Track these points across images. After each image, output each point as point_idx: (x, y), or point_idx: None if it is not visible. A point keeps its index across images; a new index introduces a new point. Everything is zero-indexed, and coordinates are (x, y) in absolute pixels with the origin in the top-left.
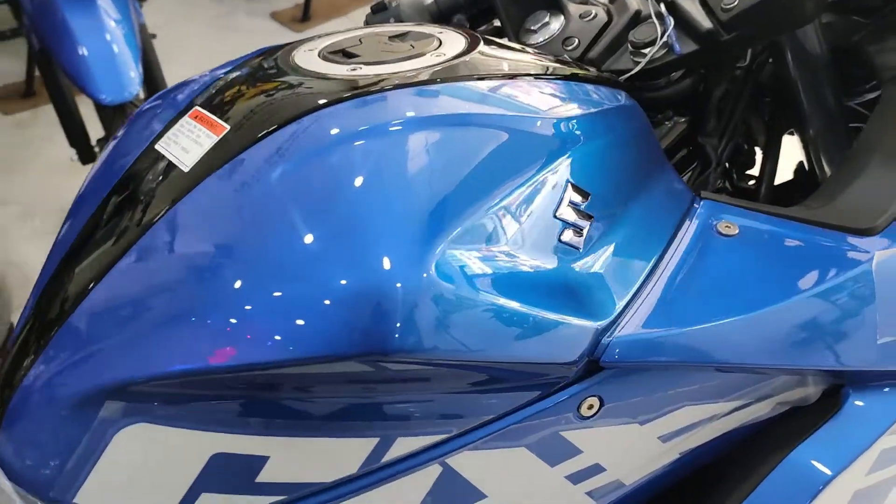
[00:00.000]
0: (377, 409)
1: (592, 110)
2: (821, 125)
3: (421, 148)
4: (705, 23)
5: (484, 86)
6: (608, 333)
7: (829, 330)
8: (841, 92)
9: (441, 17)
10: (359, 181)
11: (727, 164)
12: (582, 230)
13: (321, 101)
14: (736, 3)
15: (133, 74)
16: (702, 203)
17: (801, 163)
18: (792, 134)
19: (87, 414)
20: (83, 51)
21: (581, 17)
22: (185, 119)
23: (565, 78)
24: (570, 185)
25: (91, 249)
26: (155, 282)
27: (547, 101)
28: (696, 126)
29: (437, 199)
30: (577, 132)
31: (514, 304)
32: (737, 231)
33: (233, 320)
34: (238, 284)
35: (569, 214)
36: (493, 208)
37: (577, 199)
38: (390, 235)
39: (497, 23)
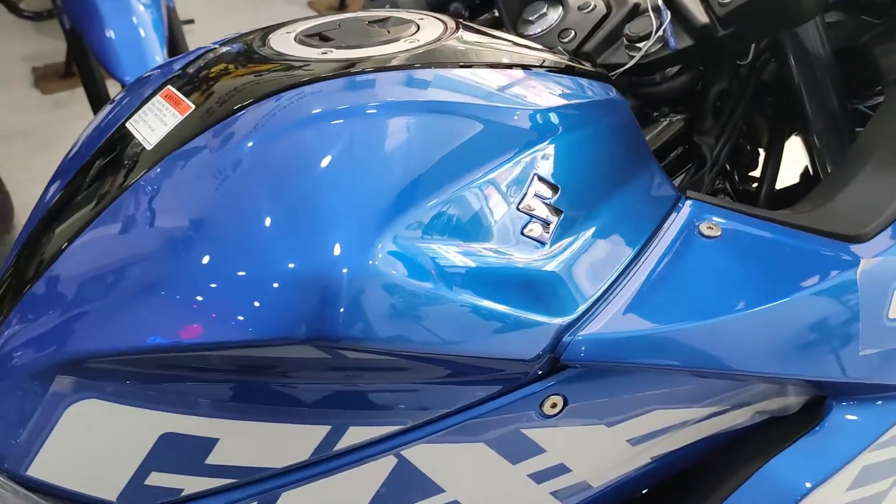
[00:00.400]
0: (329, 396)
1: (568, 102)
2: (823, 127)
3: (376, 134)
4: (701, 17)
5: (450, 73)
6: (570, 332)
7: (809, 339)
8: (845, 94)
9: (438, 6)
10: (310, 166)
11: (727, 166)
12: (549, 225)
13: (280, 86)
14: None
15: (158, 59)
16: (686, 203)
17: (807, 166)
18: (797, 136)
19: (40, 387)
20: (110, 33)
21: (580, 8)
22: (157, 98)
23: (546, 69)
24: (536, 177)
25: (53, 224)
26: (105, 261)
27: (517, 92)
28: (692, 124)
29: (389, 186)
30: (548, 124)
31: (468, 298)
32: (719, 233)
33: (179, 301)
34: (187, 265)
35: (534, 208)
36: (450, 199)
37: (545, 192)
38: (339, 221)
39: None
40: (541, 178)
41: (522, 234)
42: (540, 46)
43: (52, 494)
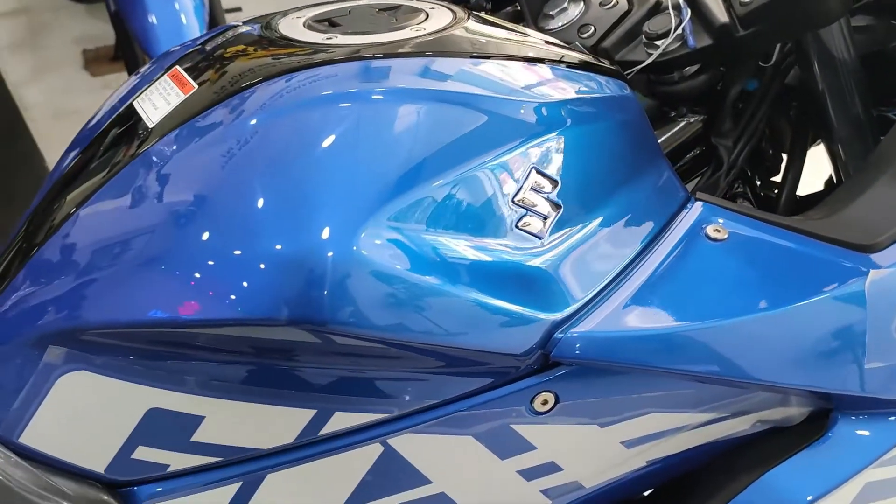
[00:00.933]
0: (315, 380)
1: (573, 97)
2: (846, 134)
3: (369, 121)
4: (722, 16)
5: (449, 62)
6: (563, 328)
7: (812, 349)
8: (871, 100)
9: None
10: (300, 150)
11: (748, 170)
12: (547, 219)
13: (276, 71)
14: None
15: None
16: (695, 204)
17: (832, 174)
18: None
19: (35, 355)
20: (152, 18)
21: (601, 4)
22: (164, 77)
23: (554, 63)
24: (534, 171)
25: (60, 195)
26: (99, 237)
27: (518, 84)
28: (711, 125)
29: (379, 173)
30: (550, 118)
31: (455, 289)
32: (726, 236)
33: (165, 278)
34: (177, 243)
35: (531, 201)
36: (443, 188)
37: (544, 186)
38: (327, 205)
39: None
40: (540, 172)
41: (517, 227)
42: (553, 40)
43: (44, 463)
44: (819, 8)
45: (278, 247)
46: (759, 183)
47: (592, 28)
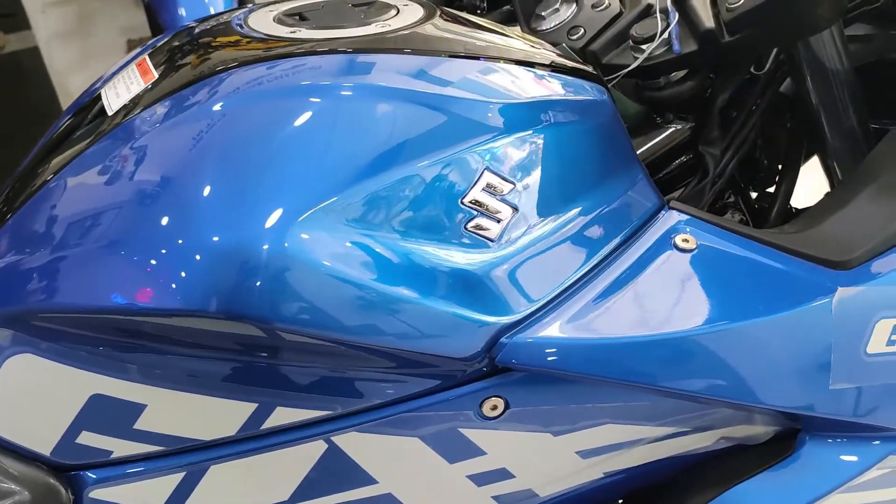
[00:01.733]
0: (256, 374)
1: (536, 99)
2: (840, 147)
3: (315, 115)
4: (708, 22)
5: (404, 59)
6: (510, 333)
7: (776, 366)
8: (867, 113)
9: None
10: (244, 143)
11: (742, 181)
12: (499, 221)
13: (232, 63)
14: (741, 1)
15: None
16: (668, 213)
17: None
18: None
19: None
20: (182, 11)
21: (593, 6)
22: (132, 65)
23: (525, 64)
24: (487, 171)
25: (20, 185)
26: (48, 222)
27: (478, 83)
28: (699, 133)
29: (321, 168)
30: (507, 118)
31: (395, 289)
32: (695, 246)
33: (110, 266)
34: (122, 232)
35: (482, 203)
36: (387, 186)
37: (498, 187)
38: (266, 199)
39: None
40: (494, 173)
41: (466, 228)
42: (531, 41)
43: None
44: (808, 15)
45: (215, 238)
46: (756, 194)
47: (582, 30)
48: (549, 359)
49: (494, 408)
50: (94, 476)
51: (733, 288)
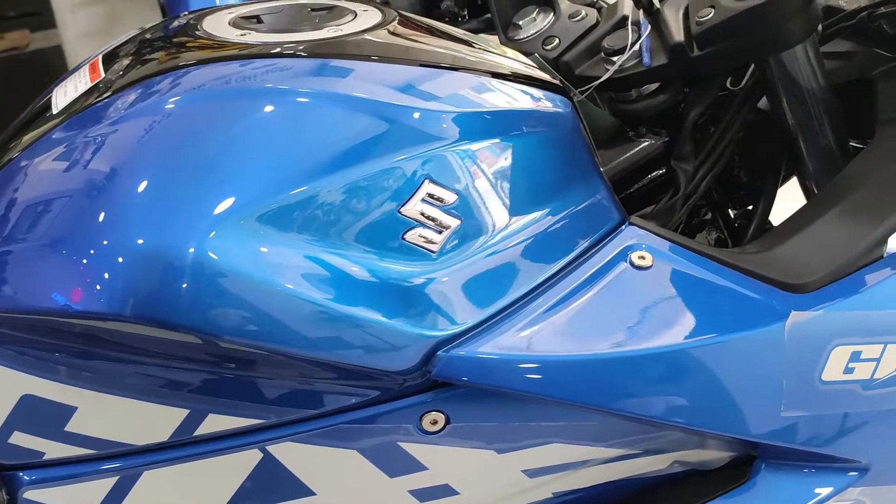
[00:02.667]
0: (187, 380)
1: (486, 109)
2: (818, 167)
3: (247, 119)
4: (678, 35)
5: (346, 64)
6: (447, 347)
7: (726, 390)
8: (846, 132)
9: (431, 4)
10: (175, 146)
11: (720, 198)
12: (440, 233)
13: (172, 65)
14: (710, 15)
15: None
16: (627, 229)
17: None
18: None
19: None
20: None
21: (570, 16)
22: (85, 65)
23: (481, 73)
24: (427, 181)
25: None
26: None
27: (424, 91)
28: (672, 148)
29: (250, 173)
30: (453, 128)
31: (324, 299)
32: (650, 264)
33: (38, 266)
34: (46, 232)
35: (422, 213)
36: (320, 193)
37: (440, 198)
38: (194, 203)
39: None
40: (435, 183)
41: (404, 239)
42: (501, 50)
43: None
44: (778, 31)
45: (140, 241)
46: (736, 211)
47: (557, 40)
48: (487, 375)
49: (435, 422)
50: (28, 477)
51: (686, 308)
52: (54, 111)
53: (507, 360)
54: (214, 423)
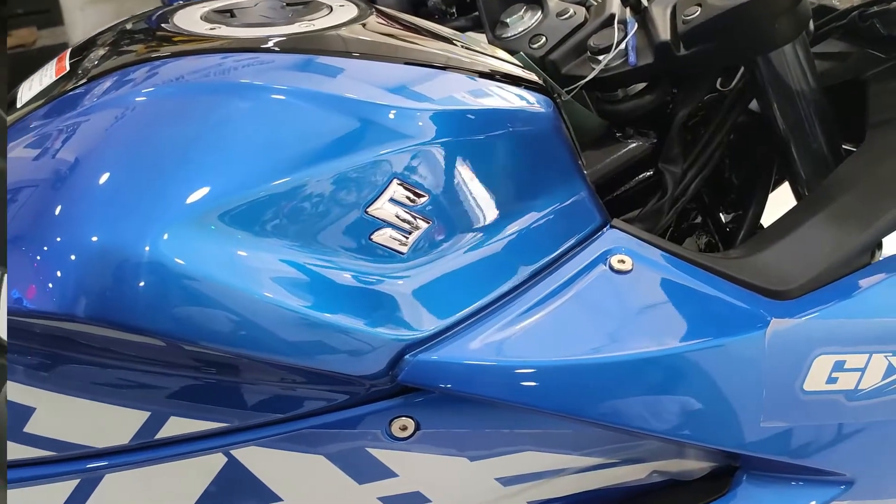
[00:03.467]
0: (147, 382)
1: (459, 107)
2: (808, 171)
3: (209, 115)
4: (664, 34)
5: (315, 59)
6: (414, 352)
7: (704, 399)
8: (838, 135)
9: (419, 1)
10: (135, 142)
11: (711, 202)
12: (409, 234)
13: (134, 60)
14: (696, 13)
15: None
16: (608, 232)
17: None
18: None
19: None
20: None
21: (558, 15)
22: (53, 61)
23: (458, 70)
24: (396, 181)
25: None
26: None
27: (389, 88)
28: (660, 149)
29: (208, 171)
30: (424, 127)
31: (284, 300)
32: (630, 268)
33: None
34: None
35: (391, 213)
36: (283, 192)
37: (409, 197)
38: (151, 200)
39: None
40: (404, 182)
41: (370, 240)
42: (483, 48)
43: None
44: (765, 30)
45: (94, 238)
46: (728, 215)
47: (544, 38)
48: (455, 381)
49: (404, 428)
50: None
51: (664, 314)
52: (18, 104)
53: (477, 366)
54: (177, 426)
